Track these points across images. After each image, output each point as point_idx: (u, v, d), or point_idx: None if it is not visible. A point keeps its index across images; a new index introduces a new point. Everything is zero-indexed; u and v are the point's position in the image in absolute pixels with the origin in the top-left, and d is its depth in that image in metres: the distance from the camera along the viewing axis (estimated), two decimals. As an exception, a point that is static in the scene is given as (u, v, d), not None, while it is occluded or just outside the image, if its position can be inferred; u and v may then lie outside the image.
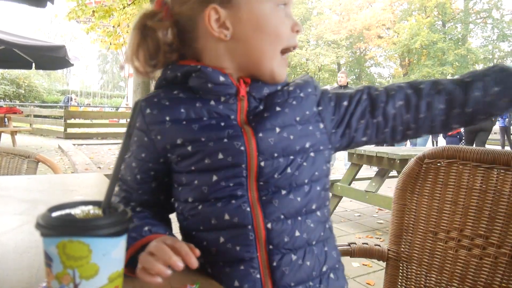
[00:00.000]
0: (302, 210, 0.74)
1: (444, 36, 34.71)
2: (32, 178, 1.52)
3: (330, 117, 0.81)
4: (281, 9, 0.73)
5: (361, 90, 0.85)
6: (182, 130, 0.73)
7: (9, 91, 20.13)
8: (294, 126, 0.75)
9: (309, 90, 0.80)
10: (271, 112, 0.74)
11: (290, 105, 0.76)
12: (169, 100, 0.75)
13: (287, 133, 0.74)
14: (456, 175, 1.13)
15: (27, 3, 4.96)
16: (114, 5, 7.33)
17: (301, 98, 0.78)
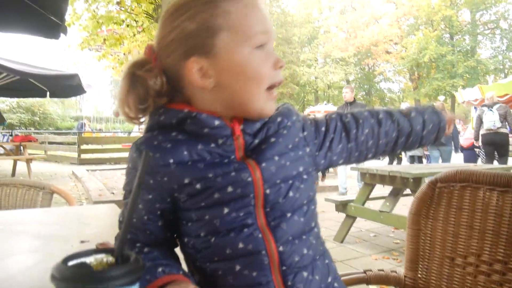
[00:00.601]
0: (305, 229, 0.80)
1: (453, 48, 34.67)
2: (46, 211, 1.54)
3: (313, 141, 0.88)
4: (260, 51, 0.75)
5: (335, 118, 0.93)
6: (189, 170, 0.75)
7: (24, 119, 20.57)
8: (288, 153, 0.80)
9: (294, 118, 0.85)
10: (267, 143, 0.79)
11: (282, 135, 0.81)
12: (170, 142, 0.76)
13: (284, 160, 0.79)
14: (470, 199, 1.12)
15: (41, 35, 5.10)
16: (125, 33, 7.51)
17: (289, 127, 0.83)
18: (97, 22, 6.84)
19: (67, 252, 1.06)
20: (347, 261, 3.42)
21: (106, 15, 6.88)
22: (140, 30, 7.54)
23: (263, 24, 0.76)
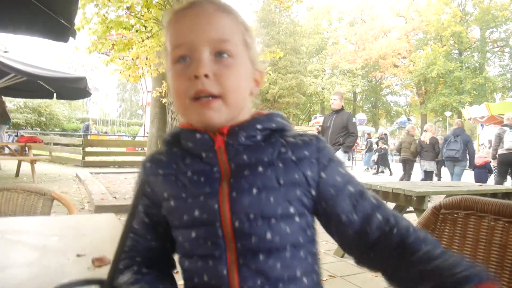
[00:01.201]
0: (283, 276, 0.69)
1: (461, 65, 34.67)
2: (45, 220, 1.53)
3: (328, 195, 0.74)
4: (178, 65, 0.74)
5: (367, 214, 0.75)
6: (169, 185, 0.76)
7: (30, 119, 20.70)
8: (277, 189, 0.71)
9: (305, 153, 0.74)
10: (252, 171, 0.72)
11: (275, 168, 0.72)
12: (166, 156, 0.80)
13: (266, 195, 0.70)
14: (474, 228, 1.10)
15: (50, 38, 5.15)
16: (134, 38, 7.55)
17: (291, 161, 0.73)
18: (107, 27, 6.88)
19: (63, 266, 1.05)
20: (346, 277, 3.38)
21: (115, 20, 6.92)
22: (149, 36, 7.57)
23: (179, 37, 0.73)
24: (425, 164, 8.44)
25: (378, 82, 41.89)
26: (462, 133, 7.79)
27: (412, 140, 8.94)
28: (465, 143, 7.65)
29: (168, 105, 6.63)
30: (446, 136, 8.17)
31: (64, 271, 0.99)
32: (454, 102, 32.60)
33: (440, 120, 37.81)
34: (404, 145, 9.00)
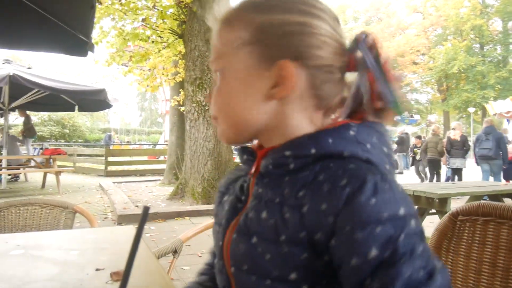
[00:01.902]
0: None
1: (483, 59, 33.86)
2: (66, 234, 1.57)
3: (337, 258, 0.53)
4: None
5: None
6: (216, 205, 0.74)
7: (55, 131, 21.27)
8: (275, 246, 0.56)
9: (323, 206, 0.53)
10: (258, 212, 0.59)
11: (280, 216, 0.57)
12: (236, 173, 0.74)
13: (263, 249, 0.57)
14: (493, 234, 1.07)
15: (69, 53, 5.28)
16: (150, 49, 7.69)
17: (299, 211, 0.55)
18: (124, 39, 7.04)
19: (82, 281, 1.07)
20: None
21: (132, 32, 7.07)
22: (165, 46, 7.70)
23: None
24: (456, 162, 8.52)
25: (398, 80, 41.27)
26: (494, 130, 7.76)
27: (439, 139, 9.00)
28: (497, 140, 7.61)
29: (186, 113, 6.70)
30: (478, 135, 8.18)
31: (82, 285, 1.01)
32: (477, 98, 31.83)
33: (464, 116, 36.98)
34: (430, 145, 9.05)
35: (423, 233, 0.53)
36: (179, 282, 3.21)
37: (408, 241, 0.49)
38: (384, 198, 0.51)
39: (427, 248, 0.51)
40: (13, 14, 4.55)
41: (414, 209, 0.54)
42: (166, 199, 6.92)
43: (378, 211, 0.50)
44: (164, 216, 5.63)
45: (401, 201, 0.52)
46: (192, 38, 6.40)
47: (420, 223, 0.54)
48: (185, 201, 6.53)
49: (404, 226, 0.50)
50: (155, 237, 4.60)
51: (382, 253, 0.48)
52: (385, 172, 0.56)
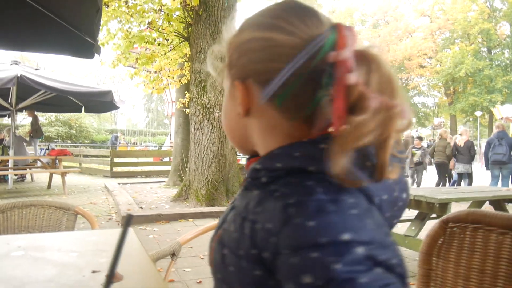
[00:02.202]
0: None
1: (491, 62, 33.62)
2: (67, 236, 1.60)
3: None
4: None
5: None
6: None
7: (61, 132, 21.44)
8: (238, 259, 0.55)
9: (269, 226, 0.51)
10: (230, 222, 0.61)
11: (241, 230, 0.56)
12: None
13: (229, 261, 0.57)
14: (482, 242, 1.09)
15: (76, 55, 5.34)
16: (156, 51, 7.75)
17: (254, 228, 0.54)
18: (129, 42, 7.10)
19: (79, 282, 1.10)
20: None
21: (138, 35, 7.14)
22: (171, 49, 7.75)
23: None
24: (460, 167, 8.69)
25: (404, 84, 41.13)
26: (506, 135, 7.84)
27: (447, 143, 9.10)
28: (510, 145, 7.70)
29: (191, 115, 6.74)
30: (489, 140, 8.22)
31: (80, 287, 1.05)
32: (484, 102, 31.61)
33: (471, 120, 36.72)
34: (438, 149, 9.15)
35: (382, 263, 0.46)
36: (181, 284, 3.23)
37: (347, 270, 0.44)
38: (326, 221, 0.46)
39: (378, 278, 0.44)
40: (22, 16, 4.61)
41: (370, 237, 0.47)
42: (170, 201, 6.96)
43: (316, 235, 0.46)
44: (168, 218, 5.66)
45: (349, 226, 0.46)
46: (198, 41, 6.44)
47: (384, 252, 0.47)
48: (189, 203, 6.57)
49: (345, 253, 0.44)
50: (158, 239, 4.63)
51: (316, 280, 0.44)
52: (344, 191, 0.50)
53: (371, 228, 0.48)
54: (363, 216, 0.48)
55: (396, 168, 0.53)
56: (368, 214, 0.49)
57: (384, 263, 0.45)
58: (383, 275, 0.45)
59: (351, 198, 0.49)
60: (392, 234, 0.61)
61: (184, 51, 7.93)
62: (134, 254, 1.39)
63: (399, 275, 0.47)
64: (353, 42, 0.52)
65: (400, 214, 0.64)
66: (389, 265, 0.46)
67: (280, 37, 0.55)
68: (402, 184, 0.61)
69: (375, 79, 0.50)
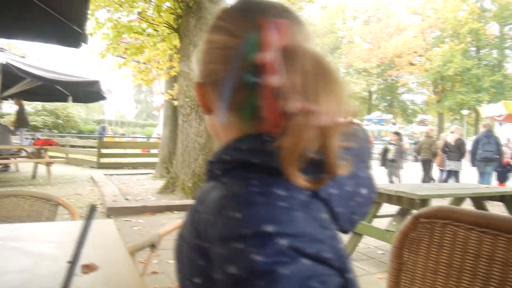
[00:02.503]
0: None
1: (479, 62, 34.05)
2: (45, 227, 1.60)
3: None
4: None
5: None
6: None
7: (48, 122, 21.15)
8: (188, 248, 0.58)
9: (206, 217, 0.53)
10: (187, 218, 0.61)
11: (190, 220, 0.58)
12: None
13: (184, 251, 0.59)
14: (450, 237, 1.12)
15: (62, 44, 5.28)
16: (145, 42, 7.68)
17: (196, 218, 0.56)
18: (118, 32, 7.03)
19: (55, 273, 1.11)
20: (351, 280, 3.39)
21: (127, 25, 7.07)
22: (160, 40, 7.70)
23: None
24: (450, 164, 8.84)
25: (394, 81, 41.43)
26: (493, 135, 8.17)
27: (432, 141, 9.29)
28: (497, 144, 8.03)
29: (179, 108, 6.72)
30: (477, 138, 8.48)
31: (55, 278, 1.05)
32: (471, 100, 32.04)
33: (458, 118, 37.19)
34: (424, 147, 9.32)
35: (311, 255, 0.46)
36: (164, 276, 3.25)
37: (268, 261, 0.44)
38: (251, 213, 0.47)
39: (303, 270, 0.45)
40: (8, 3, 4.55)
41: (297, 229, 0.47)
42: (156, 193, 6.95)
43: (241, 226, 0.47)
44: (153, 210, 5.66)
45: (274, 218, 0.47)
46: (187, 33, 6.41)
47: (315, 245, 0.47)
48: (175, 195, 6.56)
49: (266, 245, 0.45)
50: (143, 231, 4.63)
51: (239, 271, 0.45)
52: (279, 184, 0.51)
53: (300, 221, 0.48)
54: (292, 208, 0.49)
55: (348, 163, 0.52)
56: (300, 207, 0.50)
57: (313, 256, 0.46)
58: (311, 267, 0.45)
59: (283, 191, 0.50)
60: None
61: (174, 43, 7.88)
62: (111, 245, 1.40)
63: (337, 268, 0.48)
64: (282, 39, 0.51)
65: (362, 211, 0.64)
66: (321, 257, 0.46)
67: (219, 38, 0.57)
68: (361, 180, 0.62)
69: (299, 79, 0.49)
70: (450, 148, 8.82)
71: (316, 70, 0.50)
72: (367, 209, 0.67)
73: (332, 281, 0.47)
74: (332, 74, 0.50)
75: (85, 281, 1.04)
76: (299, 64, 0.49)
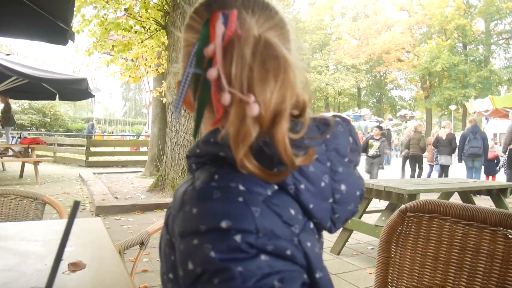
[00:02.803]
0: None
1: (466, 58, 34.42)
2: (31, 226, 1.58)
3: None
4: None
5: None
6: None
7: (35, 120, 20.88)
8: (164, 244, 0.59)
9: (174, 212, 0.53)
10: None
11: (168, 215, 0.59)
12: None
13: (163, 247, 0.60)
14: (437, 230, 1.13)
15: (49, 41, 5.21)
16: (133, 39, 7.61)
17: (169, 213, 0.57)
18: (105, 29, 6.95)
19: (40, 271, 1.10)
20: (341, 274, 3.42)
21: (114, 22, 6.98)
22: (148, 37, 7.63)
23: None
24: (441, 158, 8.98)
25: (382, 77, 41.70)
26: (479, 130, 8.32)
27: (421, 136, 9.42)
28: (483, 139, 8.18)
29: (167, 105, 6.68)
30: (464, 134, 8.59)
31: (40, 276, 1.04)
32: (459, 96, 32.40)
33: (445, 114, 37.60)
34: (413, 142, 9.44)
35: (270, 252, 0.45)
36: (154, 274, 3.24)
37: (223, 257, 0.44)
38: (208, 208, 0.47)
39: (262, 266, 0.44)
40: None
41: (255, 225, 0.46)
42: (146, 191, 6.91)
43: (197, 222, 0.47)
44: (143, 208, 5.63)
45: (230, 213, 0.46)
46: (175, 29, 6.36)
47: (274, 242, 0.46)
48: (165, 193, 6.53)
49: (222, 241, 0.45)
50: (132, 229, 4.60)
51: (195, 267, 0.45)
52: (238, 179, 0.50)
53: (258, 216, 0.46)
54: (250, 204, 0.47)
55: (310, 155, 0.50)
56: (260, 202, 0.48)
57: (272, 252, 0.45)
58: (270, 264, 0.44)
59: (242, 185, 0.49)
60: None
61: (162, 40, 7.82)
62: (100, 243, 1.38)
63: (302, 266, 0.47)
64: (229, 30, 0.51)
65: (345, 209, 0.60)
66: (281, 254, 0.46)
67: (186, 36, 0.60)
68: (339, 175, 0.58)
69: (234, 69, 0.48)
70: (441, 142, 8.96)
71: (257, 59, 0.48)
72: (352, 208, 0.61)
73: (294, 279, 0.46)
74: (278, 61, 0.48)
75: (72, 279, 1.03)
76: (237, 54, 0.48)
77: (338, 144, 0.59)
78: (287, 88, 0.48)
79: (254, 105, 0.46)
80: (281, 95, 0.47)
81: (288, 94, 0.48)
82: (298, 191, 0.52)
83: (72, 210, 0.54)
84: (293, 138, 0.49)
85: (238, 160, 0.46)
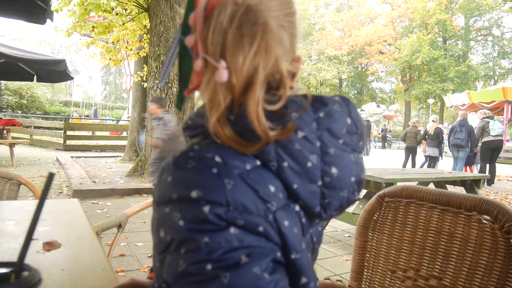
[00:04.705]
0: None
1: (445, 52, 34.95)
2: (5, 205, 1.54)
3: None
4: None
5: None
6: None
7: (11, 102, 20.30)
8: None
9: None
10: None
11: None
12: None
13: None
14: (414, 215, 1.15)
15: (26, 19, 5.04)
16: (114, 21, 7.44)
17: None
18: (85, 9, 6.76)
19: (13, 250, 1.07)
20: (318, 261, 3.47)
21: (94, 2, 6.80)
22: (130, 19, 7.47)
23: None
24: (429, 150, 9.66)
25: (364, 69, 42.05)
26: (466, 123, 8.88)
27: (417, 131, 10.26)
28: (469, 132, 8.76)
29: (148, 89, 6.58)
30: (452, 126, 9.25)
31: (12, 255, 1.01)
32: (437, 90, 32.97)
33: (424, 107, 38.28)
34: (409, 135, 10.27)
35: (240, 225, 0.45)
36: (132, 258, 3.22)
37: (190, 227, 0.44)
38: (181, 177, 0.47)
39: (230, 239, 0.44)
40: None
41: (226, 197, 0.45)
42: (125, 176, 6.83)
43: (170, 190, 0.46)
44: (122, 193, 5.57)
45: (202, 184, 0.45)
46: (158, 12, 6.24)
47: (246, 216, 0.45)
48: (144, 178, 6.47)
49: (190, 211, 0.44)
50: (110, 213, 4.55)
51: (165, 235, 0.46)
52: (216, 150, 0.49)
53: (230, 189, 0.45)
54: (223, 176, 0.46)
55: (288, 129, 0.49)
56: (235, 175, 0.47)
57: (244, 226, 0.45)
58: (241, 237, 0.44)
59: (219, 157, 0.48)
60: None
61: (144, 23, 7.67)
62: (76, 224, 1.36)
63: (275, 243, 0.47)
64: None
65: (336, 195, 0.55)
66: (251, 229, 0.45)
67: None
68: (331, 158, 0.54)
69: (211, 35, 0.47)
70: (429, 136, 9.61)
71: (234, 24, 0.47)
72: (346, 194, 0.57)
73: (264, 255, 0.45)
74: (256, 26, 0.48)
75: (46, 258, 1.01)
76: (215, 20, 0.48)
77: (331, 124, 0.54)
78: (262, 55, 0.46)
79: (223, 71, 0.45)
80: (255, 62, 0.46)
81: (262, 62, 0.46)
82: (280, 168, 0.50)
83: (47, 181, 0.53)
84: (271, 110, 0.48)
85: (211, 126, 0.46)
